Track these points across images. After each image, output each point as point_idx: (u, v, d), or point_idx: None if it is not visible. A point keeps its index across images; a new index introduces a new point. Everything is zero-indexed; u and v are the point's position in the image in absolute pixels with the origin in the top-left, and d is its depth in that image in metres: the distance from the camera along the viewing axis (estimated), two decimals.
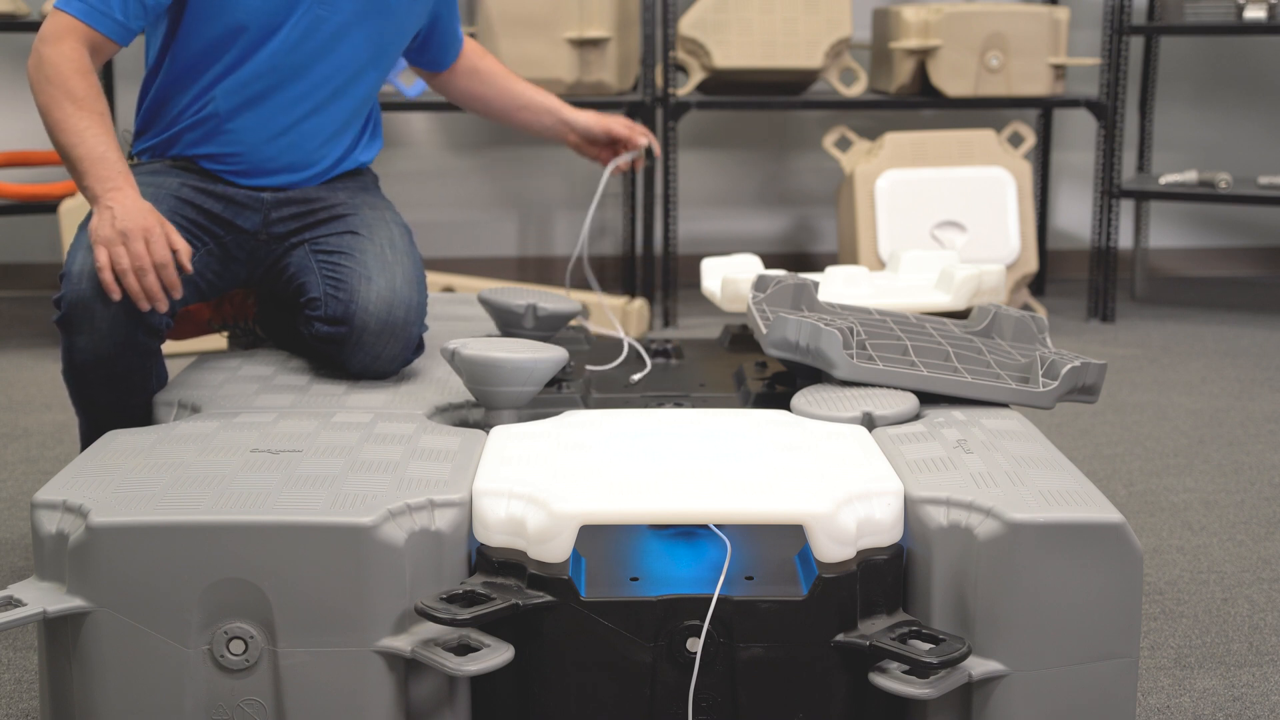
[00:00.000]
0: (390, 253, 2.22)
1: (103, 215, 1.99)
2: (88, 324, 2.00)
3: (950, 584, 1.60)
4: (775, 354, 2.05)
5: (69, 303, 2.00)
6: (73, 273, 2.01)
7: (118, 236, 1.96)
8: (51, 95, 2.06)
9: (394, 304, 2.14)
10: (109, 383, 2.04)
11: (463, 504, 1.62)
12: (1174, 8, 4.43)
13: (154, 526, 1.54)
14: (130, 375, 2.05)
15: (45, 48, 2.08)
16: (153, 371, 2.09)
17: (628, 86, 4.42)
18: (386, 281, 2.16)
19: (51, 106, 2.07)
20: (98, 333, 2.00)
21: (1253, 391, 3.68)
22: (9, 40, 4.69)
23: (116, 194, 2.00)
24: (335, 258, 2.21)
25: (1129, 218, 4.99)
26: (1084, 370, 2.02)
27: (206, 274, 2.21)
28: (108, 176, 2.02)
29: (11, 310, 4.58)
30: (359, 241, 2.23)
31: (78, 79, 2.07)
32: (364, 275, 2.16)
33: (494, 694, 1.62)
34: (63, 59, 2.07)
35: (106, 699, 1.56)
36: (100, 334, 2.00)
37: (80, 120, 2.05)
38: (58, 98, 2.06)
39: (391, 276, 2.17)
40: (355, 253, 2.21)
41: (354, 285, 2.15)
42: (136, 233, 1.97)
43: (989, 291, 2.54)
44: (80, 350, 2.02)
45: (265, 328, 2.42)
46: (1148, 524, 2.71)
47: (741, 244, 4.96)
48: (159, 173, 2.25)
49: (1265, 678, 2.09)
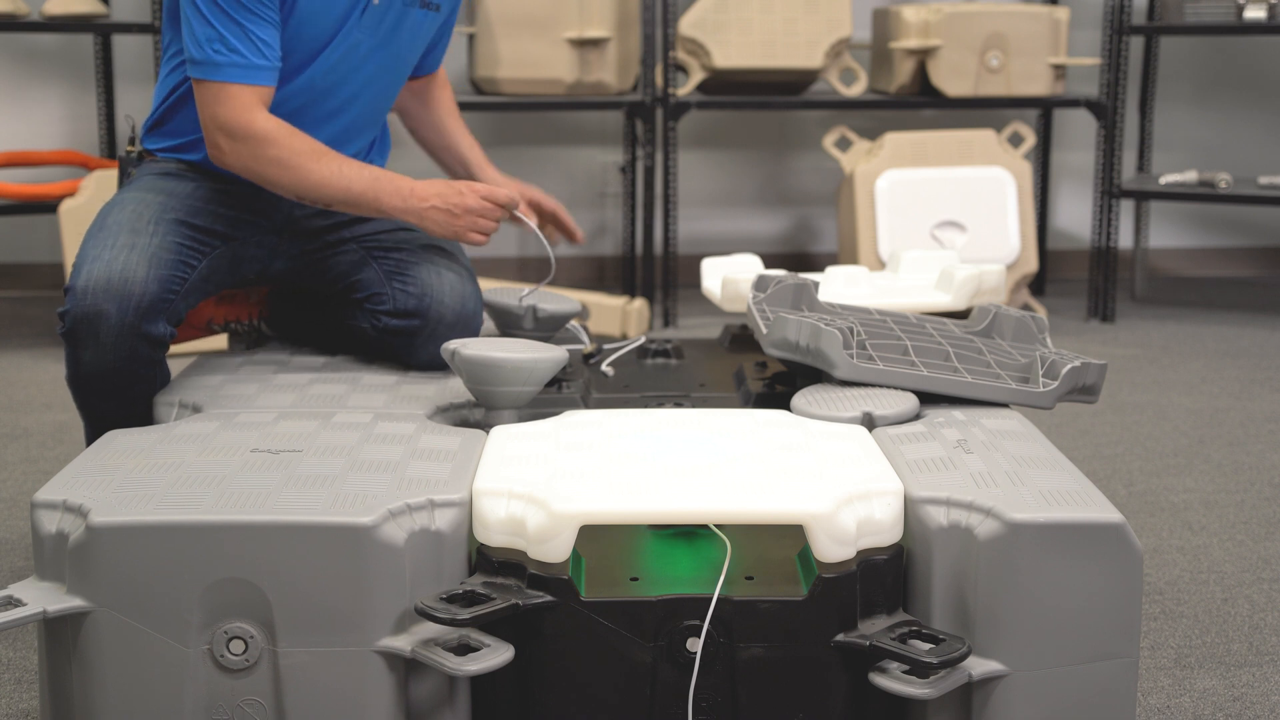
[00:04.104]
0: (447, 246, 2.31)
1: (433, 216, 2.12)
2: (93, 339, 2.01)
3: (950, 584, 1.60)
4: (775, 354, 2.05)
5: (75, 318, 2.01)
6: (78, 287, 2.02)
7: (466, 216, 2.12)
8: (290, 170, 2.10)
9: (465, 296, 2.23)
10: (114, 393, 2.05)
11: (463, 504, 1.62)
12: (1174, 8, 4.43)
13: (154, 526, 1.55)
14: (135, 385, 2.06)
15: (238, 142, 2.08)
16: (157, 379, 2.09)
17: (628, 86, 4.42)
18: (455, 275, 2.25)
19: (299, 179, 2.11)
20: (104, 347, 2.02)
21: (1253, 391, 3.68)
22: (9, 40, 4.69)
23: (417, 195, 2.12)
24: (398, 254, 2.25)
25: (1129, 218, 4.99)
26: (1084, 370, 2.02)
27: (214, 278, 2.21)
28: (395, 190, 2.13)
29: (12, 310, 4.58)
30: (415, 237, 2.29)
31: (292, 140, 2.10)
32: (434, 269, 2.23)
33: (494, 694, 1.62)
34: (262, 137, 2.08)
35: (106, 699, 1.56)
36: (106, 348, 2.02)
37: (329, 167, 2.11)
38: (296, 166, 2.10)
39: (458, 270, 2.26)
40: (416, 248, 2.27)
41: (426, 279, 2.22)
42: (469, 207, 2.12)
43: (989, 291, 2.54)
44: (86, 364, 2.03)
45: (277, 324, 2.42)
46: (1148, 524, 2.71)
47: (741, 244, 4.96)
48: (171, 175, 2.23)
49: (1265, 678, 2.09)
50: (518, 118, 4.82)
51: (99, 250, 2.05)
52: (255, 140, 2.09)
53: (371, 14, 2.21)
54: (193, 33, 2.09)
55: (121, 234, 2.08)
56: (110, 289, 2.01)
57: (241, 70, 2.08)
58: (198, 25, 2.08)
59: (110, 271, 2.02)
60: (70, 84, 4.75)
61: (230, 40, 2.07)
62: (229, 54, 2.07)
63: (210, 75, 2.08)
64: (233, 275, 2.26)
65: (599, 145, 4.92)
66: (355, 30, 2.20)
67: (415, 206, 2.13)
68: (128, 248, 2.05)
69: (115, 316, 2.01)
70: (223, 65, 2.08)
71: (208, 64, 2.08)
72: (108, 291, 2.01)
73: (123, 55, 4.72)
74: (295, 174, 2.10)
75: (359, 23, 2.20)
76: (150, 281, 2.03)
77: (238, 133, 2.09)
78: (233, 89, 2.08)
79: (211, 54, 2.07)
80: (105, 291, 2.01)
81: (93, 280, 2.01)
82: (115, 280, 2.01)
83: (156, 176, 2.23)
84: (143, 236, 2.08)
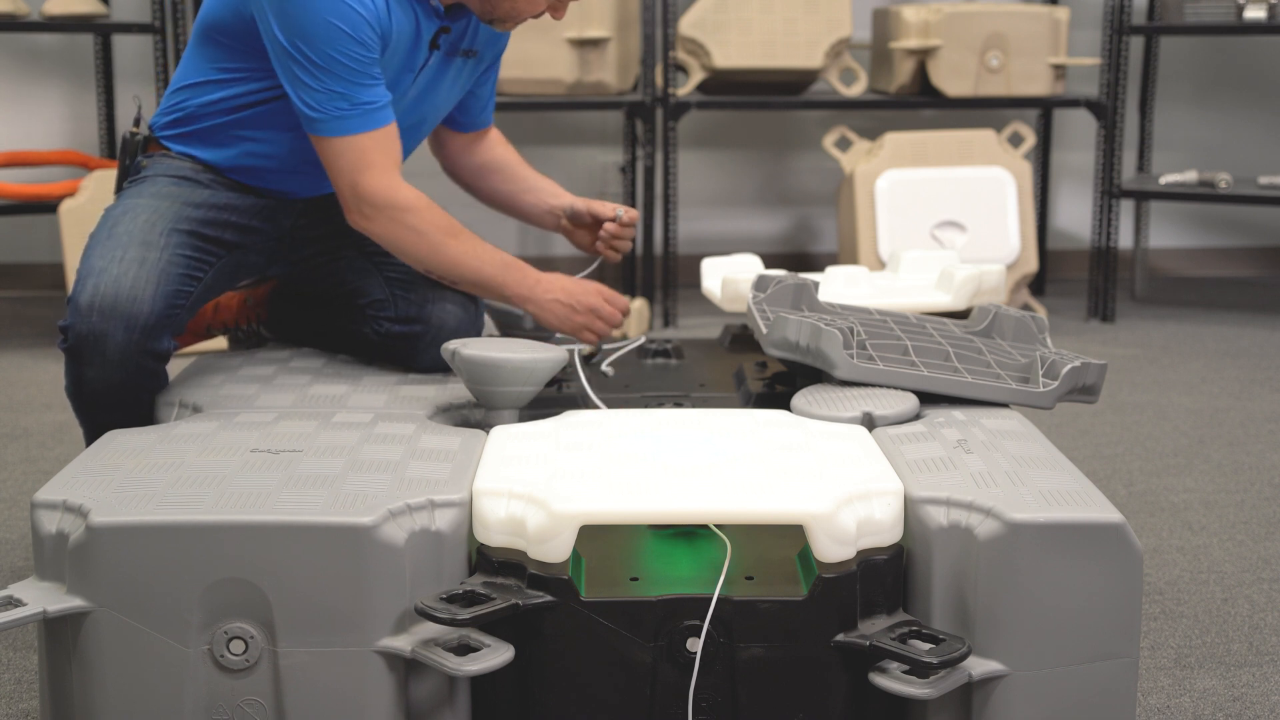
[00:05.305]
0: None
1: (554, 309, 2.18)
2: (98, 356, 1.99)
3: (950, 584, 1.60)
4: (775, 354, 2.05)
5: (78, 334, 1.99)
6: (81, 304, 2.00)
7: (586, 314, 2.20)
8: (427, 243, 2.12)
9: (466, 302, 2.24)
10: (117, 406, 2.04)
11: (463, 504, 1.62)
12: (1174, 8, 4.43)
13: (154, 526, 1.54)
14: (138, 397, 2.05)
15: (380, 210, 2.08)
16: (159, 389, 2.08)
17: (628, 86, 4.42)
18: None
19: (434, 253, 2.13)
20: (108, 364, 2.00)
21: (1253, 391, 3.68)
22: (9, 40, 4.69)
23: (542, 287, 2.18)
24: (400, 261, 2.23)
25: (1129, 218, 4.99)
26: (1084, 370, 2.02)
27: (217, 286, 2.20)
28: (522, 279, 2.18)
29: (12, 310, 4.58)
30: None
31: (432, 213, 2.12)
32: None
33: (494, 694, 1.62)
34: (405, 206, 2.09)
35: (106, 699, 1.56)
36: (110, 364, 2.00)
37: (464, 246, 2.15)
38: (433, 242, 2.12)
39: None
40: None
41: (428, 286, 2.23)
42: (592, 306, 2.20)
43: (989, 291, 2.54)
44: (89, 381, 2.01)
45: (276, 327, 2.41)
46: (1148, 524, 2.71)
47: (741, 244, 4.96)
48: (187, 180, 2.19)
49: (1265, 678, 2.09)
50: (518, 118, 4.82)
51: (105, 263, 2.02)
52: (398, 209, 2.09)
53: (424, 73, 2.20)
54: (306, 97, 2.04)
55: (132, 246, 2.04)
56: (117, 309, 1.98)
57: (363, 114, 2.05)
58: (309, 93, 2.04)
59: (118, 289, 1.99)
60: (70, 84, 4.75)
61: (351, 95, 2.05)
62: (352, 107, 2.05)
63: (342, 131, 2.05)
64: (233, 281, 2.26)
65: (599, 145, 4.92)
66: (409, 88, 2.20)
67: (540, 298, 2.18)
68: (137, 263, 2.02)
69: (121, 337, 1.98)
70: (349, 118, 2.05)
71: (331, 120, 2.05)
72: (114, 311, 1.98)
73: (123, 55, 4.72)
74: (432, 248, 2.12)
75: (412, 83, 2.19)
76: (157, 300, 2.01)
77: (381, 200, 2.08)
78: (370, 148, 2.06)
79: (333, 111, 2.04)
80: (111, 311, 1.98)
81: (98, 298, 1.98)
82: (123, 299, 1.99)
83: (172, 181, 2.19)
84: (154, 250, 2.05)
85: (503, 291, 2.19)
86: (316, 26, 2.00)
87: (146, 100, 4.47)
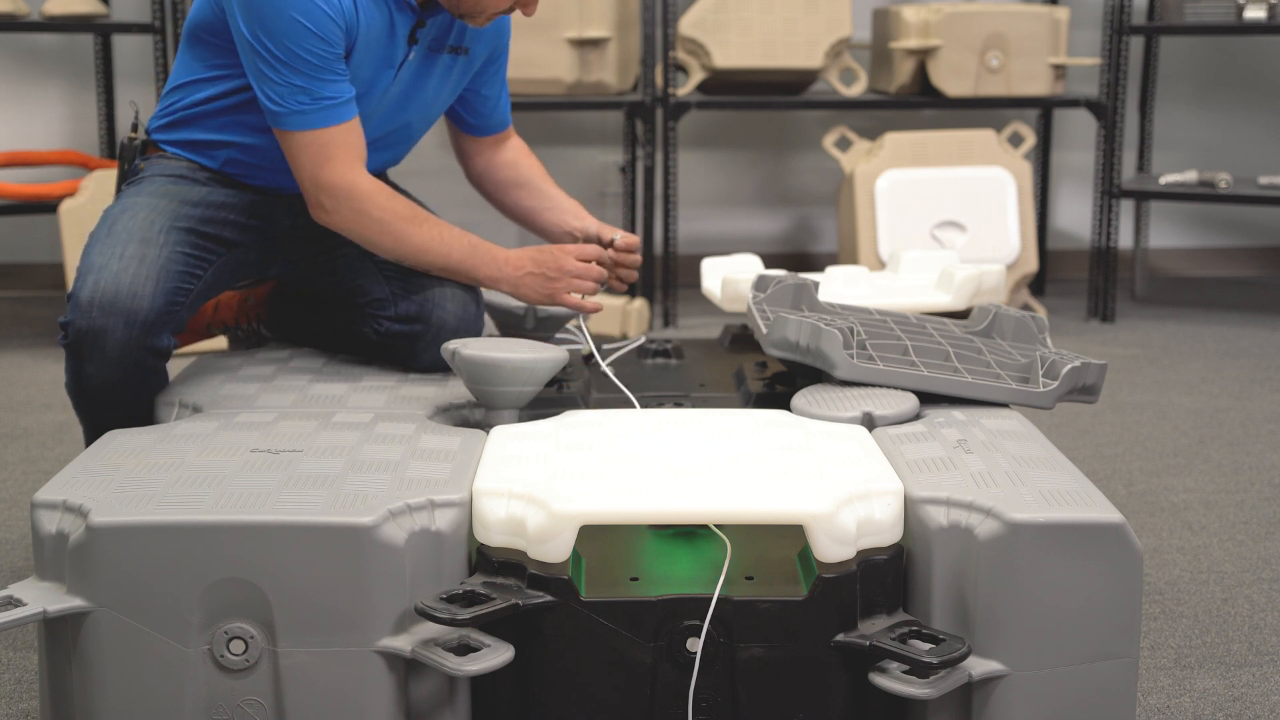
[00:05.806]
0: None
1: (528, 283, 2.17)
2: (98, 353, 2.00)
3: (950, 584, 1.60)
4: (775, 354, 2.05)
5: (78, 331, 2.00)
6: (82, 300, 2.00)
7: (562, 277, 2.17)
8: (389, 232, 2.12)
9: (466, 301, 2.24)
10: (117, 404, 2.04)
11: (463, 504, 1.62)
12: (1174, 8, 4.43)
13: (154, 526, 1.54)
14: (138, 394, 2.05)
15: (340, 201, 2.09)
16: (159, 387, 2.09)
17: (628, 86, 4.42)
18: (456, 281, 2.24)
19: (399, 242, 2.14)
20: (108, 360, 2.00)
21: (1253, 391, 3.68)
22: (9, 40, 4.69)
23: (511, 264, 2.17)
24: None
25: (1129, 218, 4.99)
26: (1084, 370, 2.02)
27: (217, 285, 2.20)
28: (490, 260, 2.18)
29: (12, 310, 4.58)
30: None
31: (392, 202, 2.12)
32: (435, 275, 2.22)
33: (494, 694, 1.62)
34: (365, 195, 2.10)
35: (106, 699, 1.56)
36: (110, 361, 2.00)
37: (429, 232, 2.15)
38: (395, 230, 2.12)
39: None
40: None
41: (428, 284, 2.22)
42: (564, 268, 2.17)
43: (989, 291, 2.54)
44: (89, 377, 2.02)
45: (276, 326, 2.41)
46: (1148, 524, 2.71)
47: (741, 244, 4.96)
48: (185, 179, 2.20)
49: (1265, 678, 2.09)
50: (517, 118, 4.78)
51: (105, 259, 2.02)
52: (358, 199, 2.09)
53: (405, 69, 2.20)
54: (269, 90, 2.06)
55: (132, 243, 2.05)
56: (117, 305, 1.99)
57: (321, 109, 2.06)
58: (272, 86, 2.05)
59: (118, 285, 2.00)
60: (70, 84, 4.75)
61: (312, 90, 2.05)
62: (313, 101, 2.05)
63: (302, 125, 2.06)
64: (233, 280, 2.26)
65: (599, 145, 4.92)
66: (390, 84, 2.20)
67: (510, 275, 2.18)
68: (137, 259, 2.03)
69: (121, 332, 1.99)
70: (310, 112, 2.06)
71: (293, 114, 2.06)
72: (114, 306, 1.99)
73: (123, 55, 4.72)
74: (395, 237, 2.13)
75: (394, 79, 2.19)
76: (157, 296, 2.01)
77: (340, 192, 2.09)
78: (315, 135, 2.07)
79: (294, 105, 2.05)
80: (111, 306, 1.99)
81: (98, 294, 1.99)
82: (123, 295, 1.99)
83: (169, 180, 2.20)
84: (153, 247, 2.05)
85: (473, 274, 2.18)
86: (279, 21, 2.02)
87: (143, 103, 4.47)
